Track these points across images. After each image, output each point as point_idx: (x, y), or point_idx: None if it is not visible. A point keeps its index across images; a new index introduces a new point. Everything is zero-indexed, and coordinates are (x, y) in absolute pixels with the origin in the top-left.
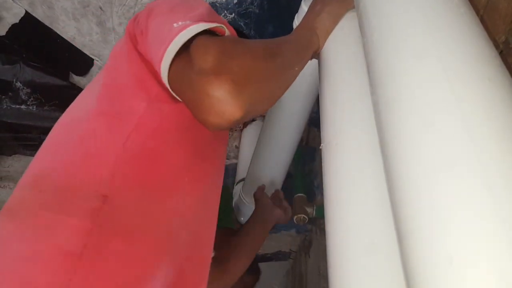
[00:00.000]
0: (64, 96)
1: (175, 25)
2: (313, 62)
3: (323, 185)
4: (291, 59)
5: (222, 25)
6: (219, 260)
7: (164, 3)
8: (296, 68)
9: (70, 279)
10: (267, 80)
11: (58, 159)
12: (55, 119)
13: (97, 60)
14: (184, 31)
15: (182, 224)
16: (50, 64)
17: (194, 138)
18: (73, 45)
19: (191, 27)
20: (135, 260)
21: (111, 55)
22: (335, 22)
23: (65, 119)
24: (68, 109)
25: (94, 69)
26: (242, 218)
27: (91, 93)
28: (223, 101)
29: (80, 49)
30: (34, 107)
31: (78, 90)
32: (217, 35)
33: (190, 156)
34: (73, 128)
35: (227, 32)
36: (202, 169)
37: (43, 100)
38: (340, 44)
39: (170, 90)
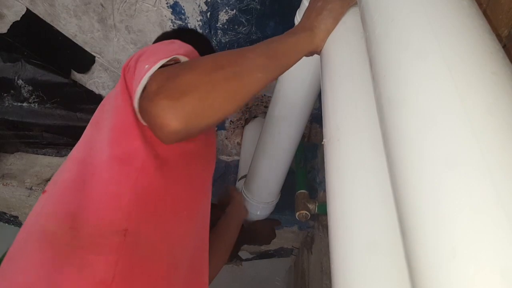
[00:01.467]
0: (66, 93)
1: (146, 66)
2: (314, 58)
3: (326, 182)
4: (250, 67)
5: (178, 55)
6: None
7: (150, 48)
8: (260, 75)
9: None
10: (208, 91)
11: (83, 200)
12: (56, 117)
13: (99, 57)
14: (148, 72)
15: (183, 251)
16: (51, 62)
17: (187, 173)
18: (74, 42)
19: (153, 67)
20: (154, 281)
21: (113, 96)
22: (336, 20)
23: (78, 156)
24: (79, 146)
25: (95, 66)
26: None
27: (100, 133)
28: (161, 116)
29: (82, 46)
30: (36, 104)
31: (79, 87)
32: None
33: (187, 188)
34: (91, 172)
35: (184, 59)
36: (196, 199)
37: (45, 98)
38: (341, 39)
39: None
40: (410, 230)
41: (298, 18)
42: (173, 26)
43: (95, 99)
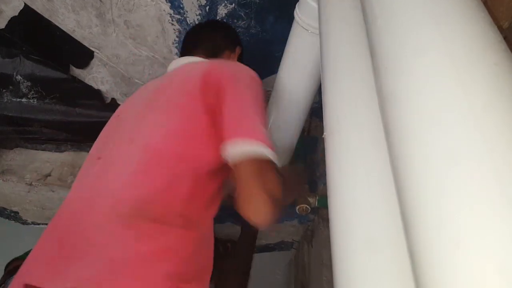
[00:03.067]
0: (65, 89)
1: (261, 127)
2: (315, 50)
3: (326, 175)
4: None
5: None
6: None
7: (245, 81)
8: None
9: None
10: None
11: (152, 188)
12: (56, 112)
13: (97, 52)
14: (267, 149)
15: None
16: (50, 57)
17: (217, 179)
18: (73, 38)
19: (270, 151)
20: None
21: (173, 91)
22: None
23: (142, 143)
24: (141, 129)
25: (94, 61)
26: None
27: (166, 130)
28: (257, 210)
29: (80, 41)
30: (35, 100)
31: (78, 83)
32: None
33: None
34: (159, 166)
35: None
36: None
37: (44, 93)
38: (341, 31)
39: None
40: (414, 221)
41: (297, 12)
42: (172, 20)
43: (94, 95)
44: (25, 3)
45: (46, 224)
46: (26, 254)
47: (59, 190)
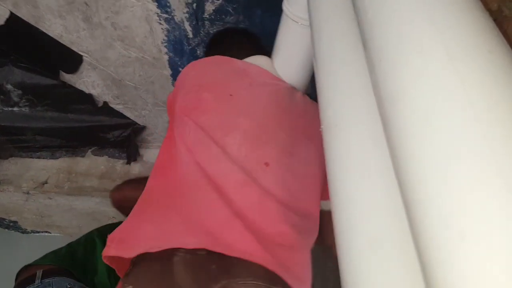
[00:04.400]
0: (56, 95)
1: None
2: (305, 42)
3: (327, 169)
4: None
5: None
6: None
7: None
8: None
9: None
10: None
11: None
12: (48, 119)
13: (86, 56)
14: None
15: None
16: (39, 64)
17: None
18: (60, 43)
19: None
20: None
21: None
22: None
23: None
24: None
25: (83, 65)
26: None
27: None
28: None
29: (68, 46)
30: (27, 108)
31: (69, 88)
32: None
33: None
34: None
35: None
36: None
37: (35, 101)
38: (334, 23)
39: None
40: (418, 213)
41: (286, 5)
42: (160, 20)
43: (86, 99)
44: (11, 11)
45: (46, 232)
46: (38, 261)
47: (56, 197)
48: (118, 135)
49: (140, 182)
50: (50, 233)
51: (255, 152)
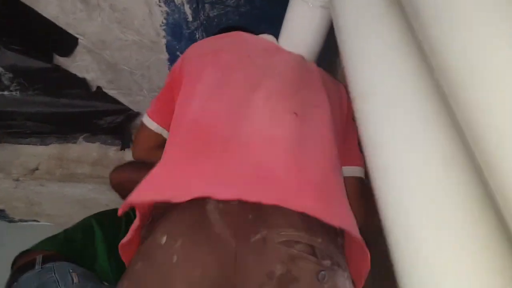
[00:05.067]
0: (48, 79)
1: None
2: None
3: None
4: None
5: None
6: None
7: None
8: None
9: None
10: None
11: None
12: (40, 104)
13: (82, 39)
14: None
15: None
16: (32, 47)
17: None
18: (56, 25)
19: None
20: None
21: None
22: None
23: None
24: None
25: (78, 48)
26: None
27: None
28: None
29: (64, 28)
30: (18, 92)
31: (62, 72)
32: None
33: None
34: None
35: None
36: None
37: (26, 85)
38: None
39: None
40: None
41: None
42: (159, 2)
43: (79, 84)
44: None
45: (35, 220)
46: (36, 246)
47: (48, 184)
48: (111, 121)
49: (141, 164)
50: (39, 222)
51: (281, 104)
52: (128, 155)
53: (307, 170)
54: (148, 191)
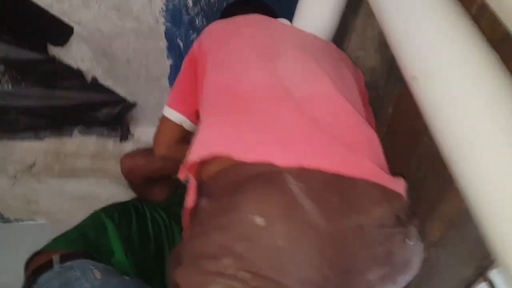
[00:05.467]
0: (42, 70)
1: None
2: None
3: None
4: None
5: None
6: None
7: None
8: None
9: None
10: None
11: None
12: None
13: (77, 28)
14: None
15: None
16: (25, 37)
17: None
18: (50, 13)
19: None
20: None
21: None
22: None
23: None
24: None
25: (73, 38)
26: None
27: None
28: None
29: (59, 17)
30: (10, 85)
31: (57, 64)
32: None
33: None
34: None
35: None
36: None
37: (19, 77)
38: None
39: None
40: None
41: None
42: None
43: (74, 75)
44: None
45: (32, 220)
46: (49, 246)
47: (46, 180)
48: (107, 112)
49: (149, 152)
50: (36, 221)
51: (313, 65)
52: (127, 147)
53: (363, 133)
54: (215, 145)
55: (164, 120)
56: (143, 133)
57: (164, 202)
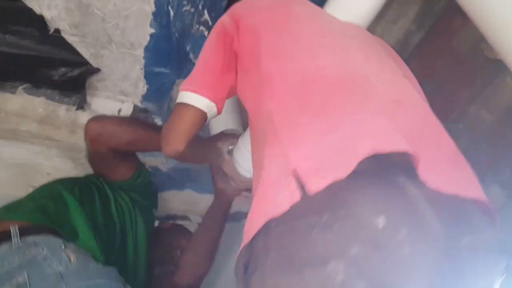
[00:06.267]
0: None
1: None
2: None
3: None
4: None
5: None
6: None
7: None
8: None
9: None
10: None
11: None
12: None
13: None
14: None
15: None
16: None
17: None
18: None
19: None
20: None
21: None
22: None
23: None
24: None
25: None
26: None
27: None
28: None
29: None
30: None
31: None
32: None
33: None
34: None
35: None
36: None
37: None
38: None
39: None
40: None
41: None
42: None
43: (34, 21)
44: None
45: None
46: (5, 214)
47: None
48: (63, 73)
49: (121, 119)
50: None
51: (372, 50)
52: (81, 117)
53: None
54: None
55: (185, 108)
56: (101, 106)
57: (125, 184)
